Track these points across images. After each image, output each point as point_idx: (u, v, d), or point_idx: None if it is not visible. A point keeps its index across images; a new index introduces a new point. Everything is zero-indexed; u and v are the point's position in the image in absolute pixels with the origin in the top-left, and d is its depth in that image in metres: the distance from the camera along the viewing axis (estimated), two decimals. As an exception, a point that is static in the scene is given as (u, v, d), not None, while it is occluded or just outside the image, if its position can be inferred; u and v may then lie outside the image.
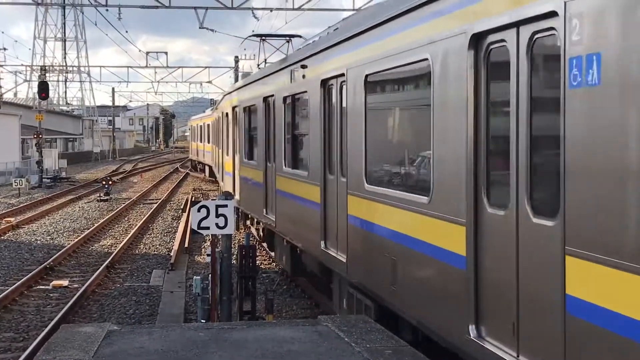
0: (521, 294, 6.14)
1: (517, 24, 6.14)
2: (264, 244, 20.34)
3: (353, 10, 37.00)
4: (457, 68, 7.12)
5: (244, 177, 20.44)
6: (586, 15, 5.19)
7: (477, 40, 6.79)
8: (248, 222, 22.31)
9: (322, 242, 12.01)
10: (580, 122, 5.25)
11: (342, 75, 10.84)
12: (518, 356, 6.20)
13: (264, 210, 17.01)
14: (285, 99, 14.79)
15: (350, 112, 10.56)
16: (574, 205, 5.38)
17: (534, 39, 5.99)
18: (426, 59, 7.83)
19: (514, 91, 6.23)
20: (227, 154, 25.06)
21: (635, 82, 4.74)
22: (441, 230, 7.54)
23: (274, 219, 15.89)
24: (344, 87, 10.78)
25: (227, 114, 25.64)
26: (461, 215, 7.08)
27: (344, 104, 10.90)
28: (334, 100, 11.56)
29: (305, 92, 13.03)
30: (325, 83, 11.89)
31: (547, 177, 5.93)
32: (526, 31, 6.06)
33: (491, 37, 6.58)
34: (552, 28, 5.67)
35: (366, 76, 9.81)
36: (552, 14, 5.56)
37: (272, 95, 15.99)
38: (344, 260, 10.75)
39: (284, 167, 14.85)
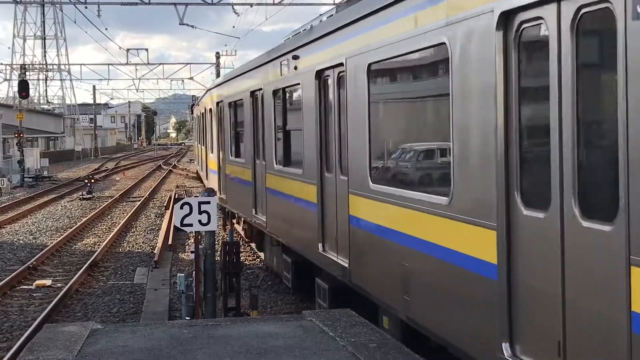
0: (567, 309, 5.37)
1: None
2: (253, 245, 19.99)
3: (332, 5, 36.95)
4: (483, 51, 6.30)
5: (230, 175, 19.62)
6: None
7: (506, 19, 5.99)
8: (234, 221, 21.97)
9: (320, 245, 11.30)
10: None
11: (340, 65, 10.03)
12: None
13: (253, 210, 16.24)
14: (274, 92, 13.96)
15: (350, 105, 9.71)
16: (638, 206, 4.57)
17: (579, 15, 5.21)
18: (443, 43, 6.98)
19: (554, 75, 5.42)
20: (212, 152, 24.12)
21: None
22: (465, 234, 6.75)
23: (264, 220, 15.16)
24: (343, 77, 10.00)
25: (210, 109, 24.66)
26: (490, 218, 6.27)
27: (342, 96, 10.12)
28: (330, 92, 10.80)
29: (298, 84, 12.27)
30: (320, 74, 11.14)
31: (600, 172, 5.19)
32: (571, 5, 5.27)
33: (524, 15, 5.81)
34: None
35: (369, 65, 8.99)
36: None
37: (260, 89, 15.16)
38: (346, 265, 10.03)
39: (275, 164, 14.01)
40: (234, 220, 21.97)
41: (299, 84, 12.23)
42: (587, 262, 5.08)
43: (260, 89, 15.11)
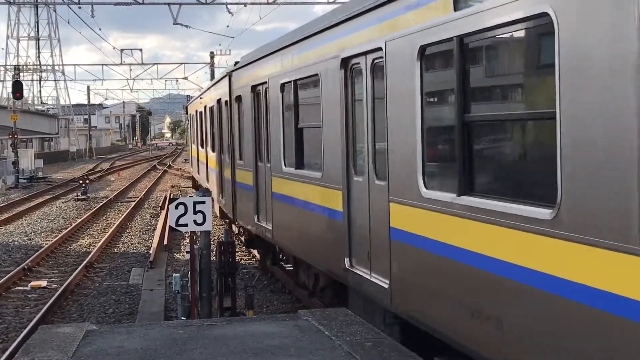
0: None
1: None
2: (255, 251, 19.29)
3: (327, 3, 36.98)
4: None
5: (228, 179, 18.45)
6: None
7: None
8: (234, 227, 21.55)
9: (347, 260, 9.91)
10: None
11: (378, 50, 8.64)
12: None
13: (255, 217, 15.19)
14: (283, 85, 12.74)
15: (392, 97, 8.22)
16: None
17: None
18: (546, 13, 5.52)
19: None
20: (213, 151, 22.69)
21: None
22: (578, 259, 5.20)
23: (270, 228, 13.92)
24: (381, 65, 8.62)
25: (211, 107, 23.11)
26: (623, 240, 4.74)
27: (379, 87, 8.79)
28: (362, 81, 9.33)
29: (316, 75, 10.86)
30: (347, 62, 9.73)
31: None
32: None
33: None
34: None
35: (422, 48, 7.47)
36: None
37: (264, 83, 14.10)
38: (385, 286, 8.60)
39: (283, 166, 12.82)
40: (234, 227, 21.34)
41: (317, 74, 10.80)
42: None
43: (264, 82, 14.02)
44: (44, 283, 17.57)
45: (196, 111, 30.75)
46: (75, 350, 7.62)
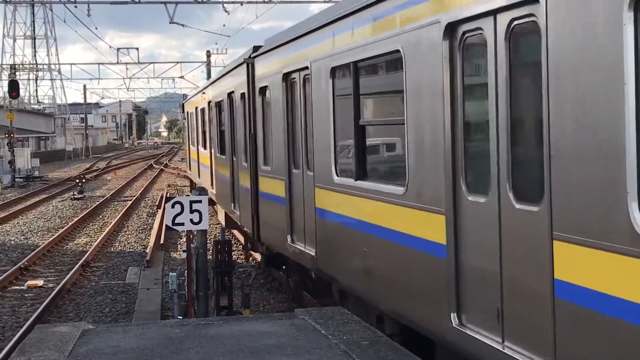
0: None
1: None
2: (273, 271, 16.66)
3: (324, 2, 37.00)
4: None
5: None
6: None
7: None
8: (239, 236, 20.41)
9: (454, 317, 6.85)
10: None
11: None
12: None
13: (289, 237, 12.23)
14: (334, 70, 9.86)
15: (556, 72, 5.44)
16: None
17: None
18: (398, 51, 6.59)
19: None
20: (221, 154, 19.50)
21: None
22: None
23: (312, 255, 10.97)
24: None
25: (218, 103, 20.07)
26: None
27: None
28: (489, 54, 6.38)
29: (395, 52, 7.93)
30: (455, 28, 6.84)
31: None
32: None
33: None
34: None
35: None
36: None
37: (304, 69, 11.12)
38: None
39: (334, 176, 9.96)
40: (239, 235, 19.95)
41: (396, 51, 7.91)
42: None
43: (303, 68, 11.09)
44: (40, 282, 17.56)
45: (196, 108, 27.28)
46: (72, 349, 7.62)
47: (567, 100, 5.29)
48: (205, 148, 24.20)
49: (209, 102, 22.10)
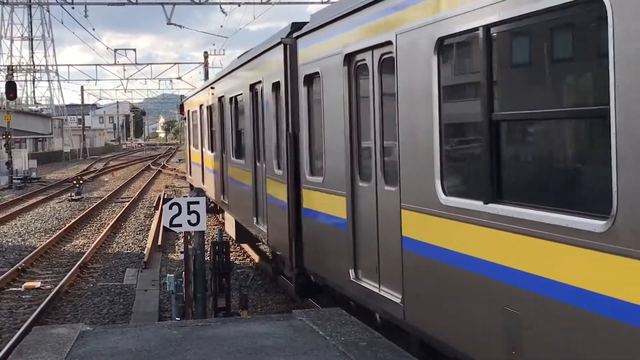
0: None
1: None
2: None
3: (321, 3, 37.02)
4: None
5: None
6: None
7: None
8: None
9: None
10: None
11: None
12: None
13: (352, 271, 9.42)
14: (441, 42, 7.06)
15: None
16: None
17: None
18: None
19: None
20: (238, 158, 16.82)
21: None
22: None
23: (397, 299, 8.07)
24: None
25: (233, 99, 17.24)
26: None
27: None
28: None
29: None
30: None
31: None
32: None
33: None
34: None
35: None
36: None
37: (384, 45, 8.25)
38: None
39: (441, 194, 7.09)
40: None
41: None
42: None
43: (384, 43, 8.20)
44: (38, 284, 17.54)
45: (201, 107, 24.40)
46: (69, 351, 7.62)
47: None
48: (212, 151, 21.42)
49: (220, 98, 19.26)
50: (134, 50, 71.79)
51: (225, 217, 20.91)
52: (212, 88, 21.13)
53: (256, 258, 18.73)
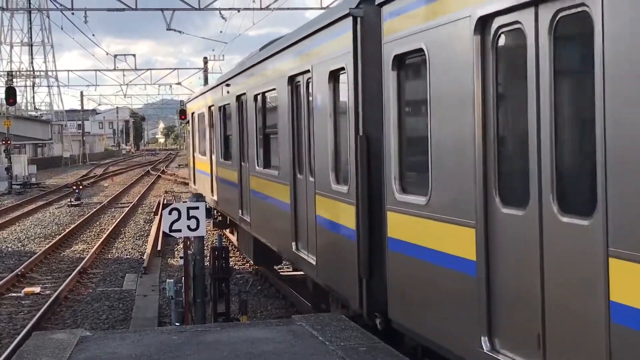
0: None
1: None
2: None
3: (320, 9, 37.03)
4: None
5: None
6: None
7: None
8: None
9: None
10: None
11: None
12: None
13: (485, 341, 6.36)
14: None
15: None
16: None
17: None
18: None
19: None
20: (266, 167, 14.35)
21: None
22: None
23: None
24: None
25: (259, 97, 14.68)
26: None
27: None
28: None
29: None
30: None
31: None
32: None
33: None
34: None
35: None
36: None
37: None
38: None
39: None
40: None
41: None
42: None
43: (525, 7, 5.74)
44: (37, 289, 17.54)
45: (210, 108, 21.75)
46: (69, 356, 7.62)
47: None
48: (227, 159, 18.78)
49: (239, 97, 16.63)
50: (134, 55, 71.80)
51: (240, 233, 18.93)
52: (228, 86, 18.32)
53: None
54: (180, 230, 10.88)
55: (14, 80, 60.81)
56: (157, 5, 41.06)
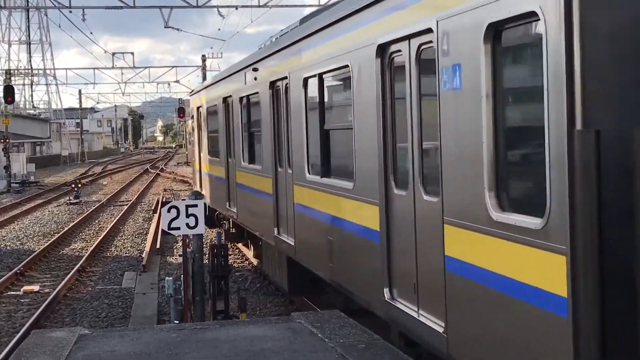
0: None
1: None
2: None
3: (318, 6, 37.04)
4: None
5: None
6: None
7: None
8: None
9: None
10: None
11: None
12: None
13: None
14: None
15: None
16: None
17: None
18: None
19: None
20: (313, 174, 10.93)
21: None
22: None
23: None
24: None
25: (299, 83, 11.17)
26: None
27: None
28: None
29: None
30: None
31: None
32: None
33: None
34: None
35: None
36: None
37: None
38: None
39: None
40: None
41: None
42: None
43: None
44: (36, 287, 17.54)
45: (225, 100, 17.87)
46: (68, 354, 7.61)
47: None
48: (252, 162, 15.34)
49: (274, 83, 12.97)
50: (132, 53, 71.89)
51: (264, 248, 16.02)
52: (255, 70, 14.25)
53: (254, 261, 18.71)
54: (179, 228, 10.88)
55: (12, 78, 60.76)
56: (155, 2, 40.99)
